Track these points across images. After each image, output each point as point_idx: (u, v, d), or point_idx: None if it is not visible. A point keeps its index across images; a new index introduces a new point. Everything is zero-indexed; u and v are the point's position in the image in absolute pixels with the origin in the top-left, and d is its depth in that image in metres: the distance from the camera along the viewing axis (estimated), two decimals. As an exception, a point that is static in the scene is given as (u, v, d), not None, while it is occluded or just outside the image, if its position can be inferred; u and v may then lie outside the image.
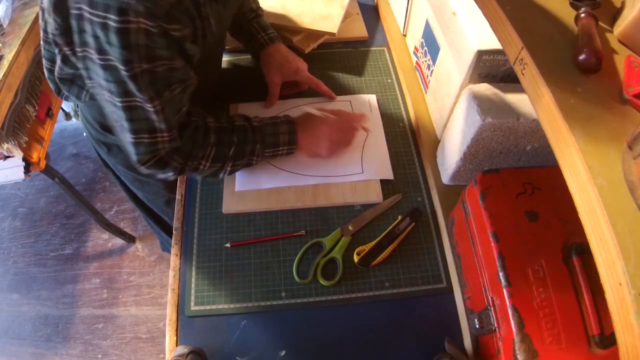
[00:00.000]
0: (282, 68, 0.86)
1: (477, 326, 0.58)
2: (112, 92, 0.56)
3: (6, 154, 1.17)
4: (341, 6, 1.00)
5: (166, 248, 1.48)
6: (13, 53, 1.12)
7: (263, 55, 0.87)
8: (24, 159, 1.18)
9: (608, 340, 0.47)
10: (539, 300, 0.51)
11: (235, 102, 0.90)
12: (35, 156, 1.22)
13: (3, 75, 1.08)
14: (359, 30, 1.06)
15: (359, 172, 0.79)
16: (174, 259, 0.72)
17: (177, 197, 0.79)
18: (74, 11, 0.50)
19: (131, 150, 0.63)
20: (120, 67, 0.52)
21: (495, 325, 0.53)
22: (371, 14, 1.13)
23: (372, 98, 0.91)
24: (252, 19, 0.87)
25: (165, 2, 0.51)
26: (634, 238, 0.30)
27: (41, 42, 0.62)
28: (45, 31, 0.59)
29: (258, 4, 0.90)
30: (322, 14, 0.97)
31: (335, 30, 0.96)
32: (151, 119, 0.59)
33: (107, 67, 0.53)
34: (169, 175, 0.68)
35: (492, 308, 0.54)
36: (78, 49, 0.54)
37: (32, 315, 1.58)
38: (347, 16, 1.03)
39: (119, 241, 1.73)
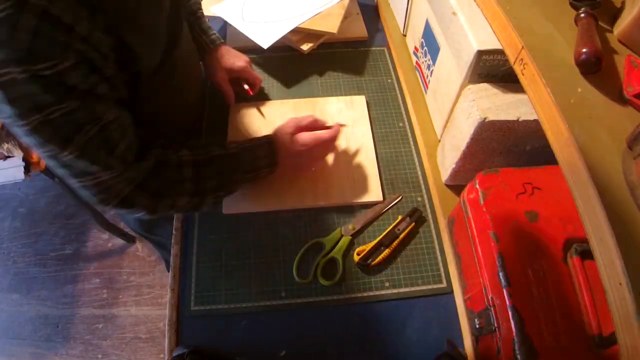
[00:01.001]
0: (220, 65, 0.85)
1: (477, 326, 0.58)
2: (31, 146, 0.51)
3: (6, 154, 1.17)
4: (341, 6, 1.00)
5: None
6: (13, 53, 1.11)
7: (207, 58, 0.86)
8: (24, 159, 1.18)
9: (608, 340, 0.47)
10: (539, 300, 0.51)
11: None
12: (35, 156, 1.22)
13: (3, 75, 1.07)
14: (359, 30, 1.06)
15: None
16: (174, 259, 0.72)
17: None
18: None
19: (85, 194, 0.58)
20: (17, 124, 0.47)
21: (495, 325, 0.53)
22: (371, 14, 1.13)
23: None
24: (193, 22, 0.85)
25: (21, 41, 0.43)
26: (634, 238, 0.30)
27: None
28: None
29: (199, 5, 0.87)
30: (322, 14, 0.97)
31: (335, 30, 0.96)
32: (77, 165, 0.54)
33: (10, 125, 0.49)
34: (142, 214, 0.63)
35: (492, 308, 0.54)
36: None
37: (32, 315, 1.58)
38: (347, 16, 1.03)
39: (119, 241, 1.74)
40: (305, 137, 0.72)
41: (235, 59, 0.86)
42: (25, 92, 0.45)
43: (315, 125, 0.75)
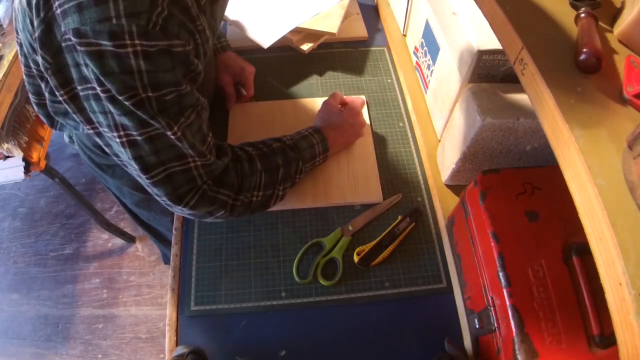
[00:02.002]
0: (228, 68, 0.87)
1: (477, 326, 0.58)
2: (127, 127, 0.49)
3: (6, 154, 1.17)
4: (341, 6, 1.00)
5: (169, 260, 1.46)
6: (13, 53, 1.12)
7: (216, 61, 0.88)
8: (24, 159, 1.18)
9: (608, 340, 0.47)
10: (539, 300, 0.51)
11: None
12: (35, 156, 1.22)
13: (3, 75, 1.08)
14: (359, 30, 1.06)
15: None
16: (174, 259, 0.72)
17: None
18: (65, 43, 0.44)
19: (164, 190, 0.55)
20: (124, 97, 0.46)
21: (495, 325, 0.53)
22: (371, 14, 1.13)
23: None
24: None
25: (158, 17, 0.44)
26: (634, 238, 0.30)
27: (24, 77, 0.57)
28: (28, 66, 0.54)
29: None
30: (322, 14, 0.97)
31: (335, 30, 0.96)
32: (177, 145, 0.53)
33: (113, 100, 0.47)
34: (220, 213, 0.62)
35: (492, 308, 0.54)
36: (79, 87, 0.48)
37: (32, 315, 1.58)
38: (347, 16, 1.03)
39: (119, 241, 1.74)
40: (343, 112, 0.80)
41: (243, 64, 0.88)
42: (148, 67, 0.45)
43: (343, 99, 0.84)
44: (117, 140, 0.51)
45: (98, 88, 0.46)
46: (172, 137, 0.51)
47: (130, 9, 0.42)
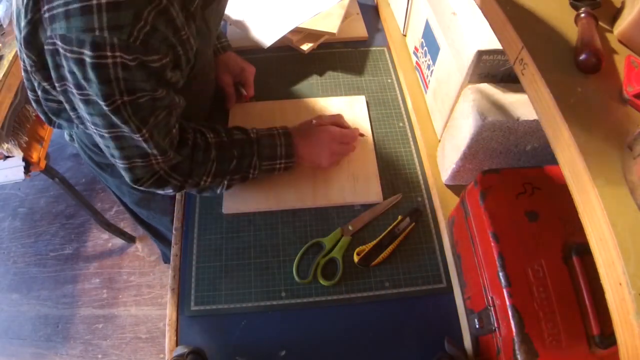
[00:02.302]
0: (228, 68, 0.87)
1: (477, 326, 0.58)
2: (97, 125, 0.53)
3: (6, 154, 1.17)
4: (341, 6, 1.00)
5: (169, 260, 1.44)
6: (13, 53, 1.12)
7: (215, 61, 0.87)
8: (24, 159, 1.18)
9: (608, 340, 0.47)
10: (539, 300, 0.51)
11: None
12: (35, 156, 1.22)
13: (3, 75, 1.08)
14: (359, 30, 1.06)
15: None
16: (174, 259, 0.72)
17: (177, 197, 0.79)
18: (47, 47, 0.47)
19: (127, 175, 0.62)
20: (101, 102, 0.49)
21: (495, 325, 0.53)
22: (371, 14, 1.13)
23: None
24: None
25: (140, 32, 0.47)
26: (634, 238, 0.30)
27: (22, 73, 0.59)
28: (23, 61, 0.56)
29: None
30: (322, 14, 0.97)
31: (335, 30, 0.96)
32: (141, 147, 0.57)
33: (88, 102, 0.50)
34: (169, 192, 0.68)
35: (492, 308, 0.54)
36: (57, 84, 0.51)
37: (32, 315, 1.58)
38: (347, 16, 1.03)
39: (119, 241, 1.74)
40: (327, 129, 0.76)
41: (243, 64, 0.88)
42: (125, 76, 0.48)
43: (338, 121, 0.80)
44: (94, 130, 0.55)
45: (75, 90, 0.49)
46: (139, 138, 0.55)
47: (113, 22, 0.44)
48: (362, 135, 0.83)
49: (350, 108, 0.89)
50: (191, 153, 0.65)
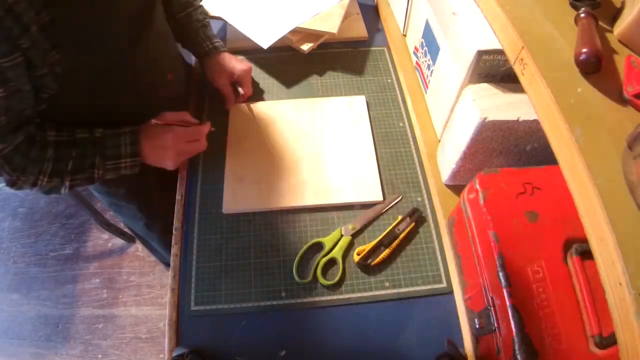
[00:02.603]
0: (222, 69, 0.86)
1: (477, 326, 0.58)
2: None
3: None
4: (341, 6, 1.00)
5: (164, 258, 1.40)
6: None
7: (208, 63, 0.87)
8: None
9: (608, 340, 0.47)
10: (539, 300, 0.51)
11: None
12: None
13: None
14: (359, 30, 1.06)
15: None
16: (174, 259, 0.72)
17: (177, 197, 0.79)
18: None
19: None
20: None
21: (495, 325, 0.53)
22: (371, 14, 1.13)
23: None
24: (199, 28, 0.86)
25: None
26: (634, 238, 0.30)
27: None
28: None
29: (206, 14, 0.89)
30: (322, 14, 0.97)
31: (335, 30, 0.96)
32: None
33: None
34: (6, 185, 0.65)
35: (492, 308, 0.54)
36: None
37: (32, 315, 1.58)
38: (347, 16, 1.03)
39: (119, 241, 1.73)
40: (172, 129, 0.74)
41: (236, 64, 0.87)
42: None
43: (185, 120, 0.78)
44: None
45: None
46: None
47: None
48: (212, 129, 0.81)
49: (350, 108, 0.89)
50: (26, 147, 0.63)
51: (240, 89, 0.90)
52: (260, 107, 0.90)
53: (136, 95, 0.74)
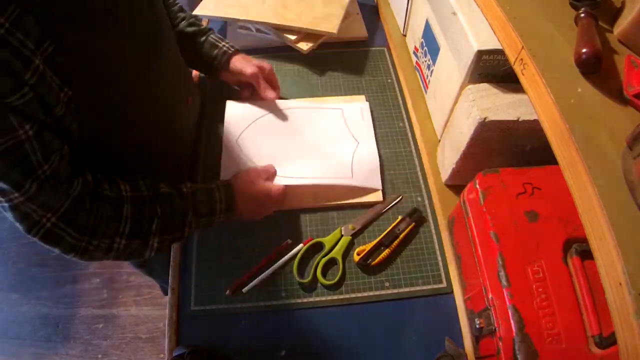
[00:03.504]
0: (250, 61, 0.84)
1: (478, 326, 0.58)
2: None
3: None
4: (341, 6, 1.00)
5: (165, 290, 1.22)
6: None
7: (229, 62, 0.83)
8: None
9: (608, 340, 0.47)
10: (539, 300, 0.51)
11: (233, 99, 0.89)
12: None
13: None
14: (359, 30, 1.06)
15: (349, 176, 0.78)
16: (173, 259, 0.72)
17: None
18: None
19: (10, 218, 0.51)
20: None
21: (495, 325, 0.53)
22: (371, 14, 1.13)
23: (364, 106, 0.89)
24: (206, 34, 0.84)
25: None
26: (634, 238, 0.30)
27: None
28: None
29: (211, 29, 0.86)
30: (322, 14, 0.97)
31: (335, 30, 0.96)
32: None
33: None
34: (71, 255, 0.54)
35: (492, 308, 0.54)
36: None
37: (32, 315, 1.58)
38: (347, 16, 1.03)
39: (119, 241, 1.73)
40: (267, 187, 0.72)
41: (248, 65, 0.83)
42: None
43: (270, 175, 0.76)
44: None
45: None
46: None
47: None
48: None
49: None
50: (91, 204, 0.53)
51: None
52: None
53: (163, 127, 0.68)
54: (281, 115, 0.87)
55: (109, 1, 0.52)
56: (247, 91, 0.88)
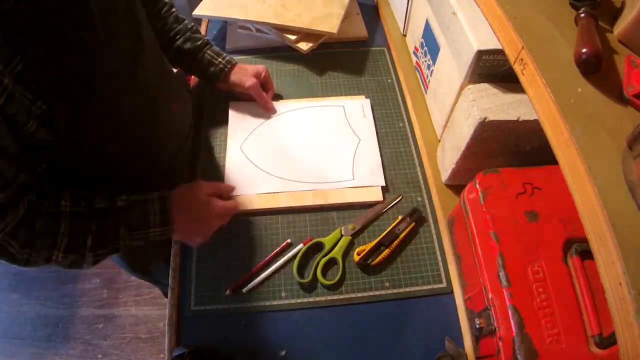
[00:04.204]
0: (247, 72, 0.85)
1: (478, 326, 0.58)
2: None
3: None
4: (341, 6, 1.00)
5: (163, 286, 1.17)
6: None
7: (227, 76, 0.84)
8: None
9: (608, 340, 0.47)
10: (539, 300, 0.51)
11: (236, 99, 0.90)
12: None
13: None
14: (359, 30, 1.06)
15: (350, 178, 0.79)
16: (173, 259, 0.72)
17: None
18: None
19: None
20: None
21: (495, 325, 0.53)
22: (371, 14, 1.13)
23: (365, 103, 0.90)
24: (204, 48, 0.84)
25: None
26: (634, 238, 0.30)
27: None
28: None
29: (199, 32, 0.86)
30: (322, 14, 0.97)
31: (335, 30, 0.96)
32: None
33: None
34: (15, 265, 0.55)
35: (492, 308, 0.54)
36: None
37: (32, 315, 1.58)
38: (347, 16, 1.03)
39: (119, 241, 1.73)
40: (211, 204, 0.66)
41: (257, 66, 0.86)
42: None
43: (220, 192, 0.71)
44: None
45: None
46: None
47: None
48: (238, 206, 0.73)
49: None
50: (28, 221, 0.53)
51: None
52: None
53: (142, 134, 0.67)
54: (283, 117, 0.88)
55: (82, 13, 0.50)
56: (248, 96, 0.88)
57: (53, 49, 0.47)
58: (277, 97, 0.93)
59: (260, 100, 0.86)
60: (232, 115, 0.88)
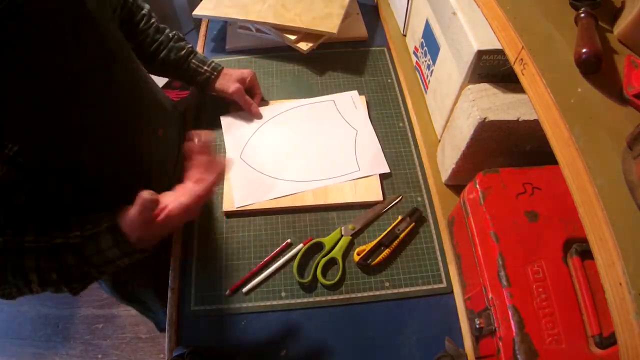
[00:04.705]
0: (231, 78, 0.85)
1: (478, 326, 0.58)
2: None
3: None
4: (341, 6, 1.00)
5: (163, 329, 0.99)
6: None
7: (213, 83, 0.85)
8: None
9: (608, 340, 0.47)
10: (539, 300, 0.51)
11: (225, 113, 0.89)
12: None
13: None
14: (359, 30, 1.06)
15: (356, 169, 0.79)
16: (173, 259, 0.72)
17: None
18: None
19: None
20: None
21: (495, 325, 0.53)
22: (371, 14, 1.13)
23: (354, 95, 0.91)
24: (188, 57, 0.83)
25: None
26: (634, 238, 0.30)
27: None
28: None
29: (183, 39, 0.85)
30: (322, 14, 0.97)
31: (335, 30, 0.96)
32: None
33: None
34: (2, 299, 0.55)
35: (492, 308, 0.54)
36: None
37: (32, 315, 1.58)
38: (347, 16, 1.03)
39: (119, 241, 1.73)
40: (171, 218, 0.56)
41: (242, 71, 0.86)
42: None
43: (145, 203, 0.57)
44: None
45: None
46: None
47: None
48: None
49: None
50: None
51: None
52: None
53: (125, 161, 0.64)
54: (276, 120, 0.88)
55: (42, 43, 0.48)
56: (237, 103, 0.88)
57: (12, 87, 0.46)
58: (276, 96, 0.93)
59: (244, 105, 0.86)
60: (225, 128, 0.87)
